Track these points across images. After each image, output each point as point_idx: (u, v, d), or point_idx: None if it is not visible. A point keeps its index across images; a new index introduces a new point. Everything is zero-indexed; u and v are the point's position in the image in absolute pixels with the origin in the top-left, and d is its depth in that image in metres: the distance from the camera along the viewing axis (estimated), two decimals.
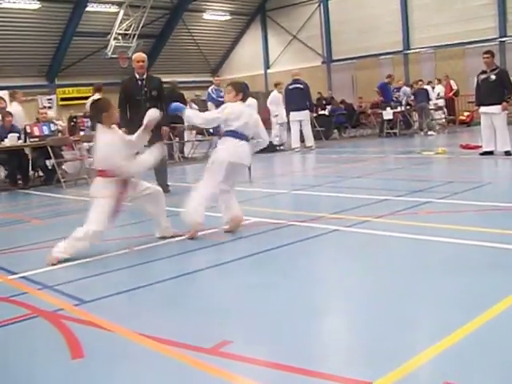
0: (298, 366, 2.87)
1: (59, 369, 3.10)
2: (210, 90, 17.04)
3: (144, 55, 9.38)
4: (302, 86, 16.76)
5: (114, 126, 5.88)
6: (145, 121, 5.92)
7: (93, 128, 6.92)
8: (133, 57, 9.52)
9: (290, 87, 16.85)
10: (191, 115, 6.34)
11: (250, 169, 9.05)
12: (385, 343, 3.08)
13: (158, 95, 9.32)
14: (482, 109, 11.50)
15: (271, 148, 16.71)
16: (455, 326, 3.18)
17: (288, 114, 16.88)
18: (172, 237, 6.09)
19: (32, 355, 3.36)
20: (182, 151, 16.62)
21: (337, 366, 2.92)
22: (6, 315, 4.00)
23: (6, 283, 4.90)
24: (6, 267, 5.38)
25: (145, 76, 9.27)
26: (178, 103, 6.42)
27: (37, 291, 4.57)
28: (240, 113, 6.11)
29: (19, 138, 12.24)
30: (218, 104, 16.31)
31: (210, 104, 16.68)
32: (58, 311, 4.01)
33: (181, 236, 6.04)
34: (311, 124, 17.28)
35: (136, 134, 6.00)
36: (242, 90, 6.28)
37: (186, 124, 16.78)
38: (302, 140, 16.81)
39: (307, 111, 16.70)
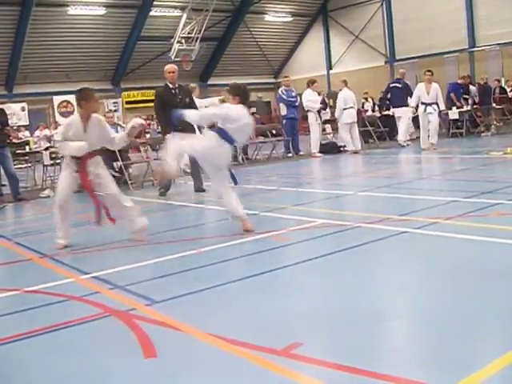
0: (367, 368, 2.84)
1: (133, 368, 3.15)
2: (280, 91, 17.09)
3: (175, 66, 10.38)
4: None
5: (98, 116, 6.37)
6: (128, 126, 6.41)
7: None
8: (165, 68, 10.36)
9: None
10: (190, 114, 6.45)
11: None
12: (453, 349, 2.99)
13: (190, 101, 10.17)
14: None
15: (335, 149, 16.62)
16: None
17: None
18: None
19: (106, 353, 3.43)
20: (245, 153, 16.70)
21: (404, 369, 2.87)
22: (80, 314, 4.09)
23: (78, 283, 5.02)
24: (78, 267, 5.51)
25: (177, 85, 10.11)
26: (179, 112, 6.48)
27: (108, 291, 4.66)
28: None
29: None
30: (289, 104, 16.40)
31: (281, 105, 16.78)
32: (129, 311, 4.08)
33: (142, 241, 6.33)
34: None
35: (119, 135, 6.59)
36: (238, 94, 6.36)
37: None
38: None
39: None
